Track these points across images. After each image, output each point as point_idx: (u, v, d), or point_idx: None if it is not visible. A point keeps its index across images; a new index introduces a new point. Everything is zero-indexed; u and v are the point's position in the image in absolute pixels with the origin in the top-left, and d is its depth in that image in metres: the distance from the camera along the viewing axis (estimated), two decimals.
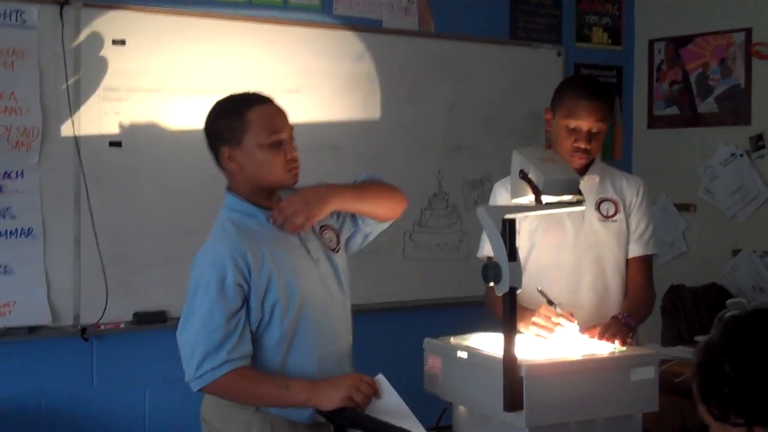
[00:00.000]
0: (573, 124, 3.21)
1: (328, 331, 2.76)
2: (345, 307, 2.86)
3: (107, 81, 4.15)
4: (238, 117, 2.69)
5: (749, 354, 1.60)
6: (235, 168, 2.71)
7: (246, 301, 2.62)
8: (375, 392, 2.59)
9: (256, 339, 2.66)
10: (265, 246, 2.67)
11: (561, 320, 2.93)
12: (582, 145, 3.21)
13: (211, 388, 2.63)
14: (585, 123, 3.20)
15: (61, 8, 4.02)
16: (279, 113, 2.74)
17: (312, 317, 2.71)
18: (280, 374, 2.67)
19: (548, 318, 2.94)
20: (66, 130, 4.05)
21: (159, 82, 4.27)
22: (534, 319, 2.96)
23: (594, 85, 3.34)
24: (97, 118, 4.13)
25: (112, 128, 4.16)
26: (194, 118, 4.28)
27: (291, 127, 2.74)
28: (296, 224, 2.69)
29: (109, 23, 4.15)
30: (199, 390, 2.65)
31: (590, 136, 3.22)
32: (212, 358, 2.59)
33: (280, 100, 2.79)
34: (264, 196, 2.75)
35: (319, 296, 2.74)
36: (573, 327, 2.92)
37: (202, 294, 2.63)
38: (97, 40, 4.13)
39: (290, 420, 2.69)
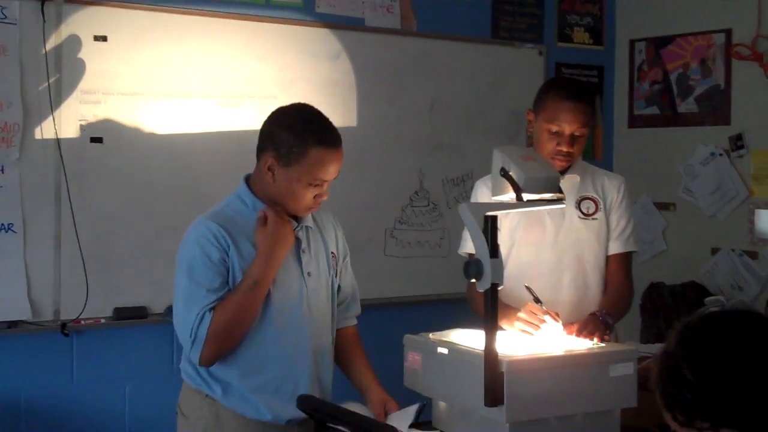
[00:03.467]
0: (555, 128, 3.21)
1: (291, 346, 2.77)
2: (324, 327, 2.87)
3: (88, 77, 4.13)
4: (301, 144, 2.66)
5: (707, 357, 1.62)
6: (268, 177, 2.71)
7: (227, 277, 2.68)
8: None
9: None
10: (251, 243, 2.70)
11: (546, 318, 2.94)
12: (564, 149, 3.22)
13: (209, 347, 2.64)
14: (568, 127, 3.20)
15: (43, 4, 4.01)
16: (337, 161, 2.73)
17: (276, 324, 2.73)
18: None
19: (534, 315, 2.96)
20: (47, 126, 4.04)
21: (140, 79, 4.26)
22: (520, 314, 2.98)
23: (577, 89, 3.31)
24: (78, 114, 4.12)
25: (93, 124, 4.15)
26: (175, 116, 4.31)
27: (338, 173, 2.76)
28: None
29: (91, 19, 4.14)
30: (201, 356, 2.65)
31: (573, 139, 3.22)
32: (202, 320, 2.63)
33: (261, 97, 2.80)
34: (277, 205, 2.77)
35: (292, 305, 2.76)
36: (557, 327, 2.94)
37: (187, 271, 2.67)
38: (78, 36, 4.11)
39: (238, 414, 2.74)
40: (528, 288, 3.05)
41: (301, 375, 2.77)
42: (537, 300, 3.01)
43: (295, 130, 2.68)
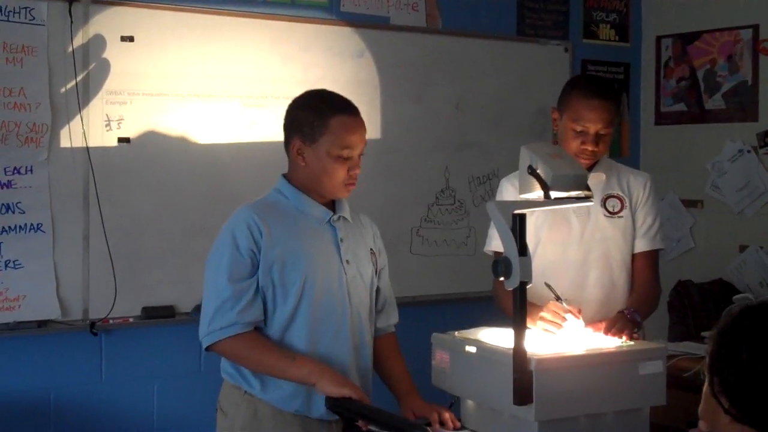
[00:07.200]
0: (580, 126, 3.21)
1: (332, 333, 2.77)
2: (363, 320, 2.87)
3: (116, 78, 4.15)
4: (320, 117, 2.76)
5: (738, 350, 1.60)
6: (299, 161, 2.79)
7: (257, 268, 2.71)
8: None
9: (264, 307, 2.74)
10: (290, 229, 2.76)
11: (568, 316, 2.94)
12: (589, 147, 3.22)
13: (220, 347, 2.72)
14: (593, 126, 3.20)
15: (70, 5, 4.02)
16: (359, 129, 2.81)
17: (315, 312, 2.75)
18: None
19: (556, 314, 2.95)
20: (75, 126, 4.06)
21: (168, 80, 4.28)
22: (542, 314, 2.97)
23: (602, 87, 3.31)
24: (106, 114, 4.13)
25: (120, 125, 4.16)
26: (201, 116, 4.32)
27: (364, 144, 2.82)
28: None
29: (118, 20, 4.16)
30: (208, 348, 2.74)
31: (597, 138, 3.22)
32: (222, 316, 2.68)
33: (285, 97, 2.82)
34: (316, 193, 2.82)
35: (332, 292, 2.78)
36: (578, 323, 2.93)
37: (217, 256, 2.75)
38: (105, 36, 4.13)
39: (276, 408, 2.75)
40: (548, 285, 3.04)
41: (342, 365, 2.76)
42: (558, 297, 3.01)
43: (311, 107, 2.80)
